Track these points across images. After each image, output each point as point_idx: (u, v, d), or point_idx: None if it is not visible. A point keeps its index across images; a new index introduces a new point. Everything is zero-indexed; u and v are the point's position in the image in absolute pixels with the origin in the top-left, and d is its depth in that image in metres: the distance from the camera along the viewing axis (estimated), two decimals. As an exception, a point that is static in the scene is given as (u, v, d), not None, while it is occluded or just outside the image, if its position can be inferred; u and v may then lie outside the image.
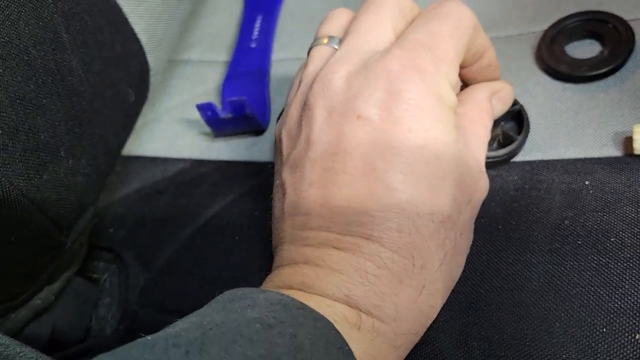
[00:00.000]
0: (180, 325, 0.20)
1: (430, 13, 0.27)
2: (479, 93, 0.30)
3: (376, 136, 0.24)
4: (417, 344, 0.28)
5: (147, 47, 0.39)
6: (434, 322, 0.28)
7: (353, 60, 0.26)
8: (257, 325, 0.19)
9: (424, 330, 0.26)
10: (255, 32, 0.49)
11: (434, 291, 0.25)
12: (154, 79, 0.42)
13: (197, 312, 0.21)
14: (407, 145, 0.24)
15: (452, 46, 0.26)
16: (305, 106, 0.27)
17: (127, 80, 0.37)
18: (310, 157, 0.25)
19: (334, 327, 0.21)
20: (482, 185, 0.28)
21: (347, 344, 0.21)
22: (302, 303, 0.22)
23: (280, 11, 0.51)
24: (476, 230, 0.31)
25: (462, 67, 0.30)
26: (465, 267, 0.29)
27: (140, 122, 0.46)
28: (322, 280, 0.24)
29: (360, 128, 0.24)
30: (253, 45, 0.48)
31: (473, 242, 0.30)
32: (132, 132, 0.42)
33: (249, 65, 0.47)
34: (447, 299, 0.29)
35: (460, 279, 0.29)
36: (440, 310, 0.29)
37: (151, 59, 0.40)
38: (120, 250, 0.40)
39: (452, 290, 0.29)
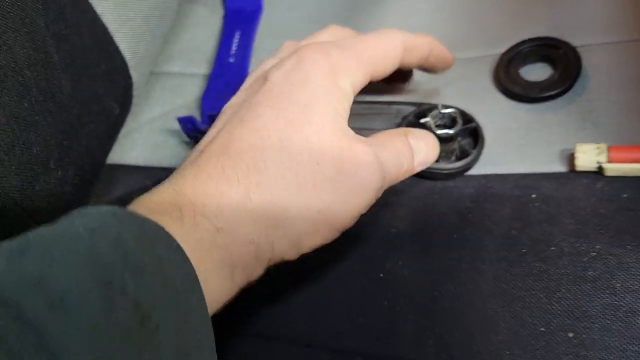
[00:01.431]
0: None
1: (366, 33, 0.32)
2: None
3: (270, 89, 0.29)
4: (375, 342, 0.31)
5: (130, 64, 0.42)
6: (394, 322, 0.31)
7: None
8: (81, 229, 0.20)
9: (265, 242, 0.27)
10: (234, 47, 0.52)
11: (261, 206, 0.26)
12: (136, 92, 0.44)
13: None
14: (289, 96, 0.28)
15: (369, 55, 0.30)
16: None
17: (112, 95, 0.39)
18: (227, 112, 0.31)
19: (160, 226, 0.22)
20: (359, 150, 0.29)
21: (175, 241, 0.22)
22: (131, 211, 0.23)
23: (257, 27, 0.54)
24: (433, 239, 0.34)
25: (420, 66, 0.35)
26: (422, 272, 0.32)
27: (122, 131, 0.48)
28: (162, 185, 0.27)
29: (261, 87, 0.29)
30: (232, 60, 0.51)
31: (430, 249, 0.33)
32: (115, 141, 0.44)
33: (228, 79, 0.49)
34: (406, 301, 0.32)
35: (417, 283, 0.32)
36: (399, 312, 0.32)
37: (134, 74, 0.42)
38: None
39: (410, 293, 0.32)
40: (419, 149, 0.32)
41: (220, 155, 0.27)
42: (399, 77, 0.40)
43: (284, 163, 0.27)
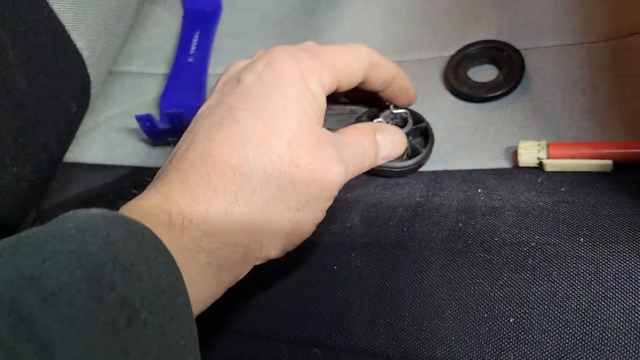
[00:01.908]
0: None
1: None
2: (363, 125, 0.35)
3: (245, 92, 0.30)
4: (330, 332, 0.32)
5: (88, 62, 0.42)
6: (348, 312, 0.33)
7: None
8: (72, 230, 0.21)
9: (246, 246, 0.27)
10: (193, 48, 0.52)
11: (248, 211, 0.27)
12: (94, 90, 0.45)
13: None
14: (264, 99, 0.29)
15: (336, 61, 0.32)
16: None
17: (70, 92, 0.39)
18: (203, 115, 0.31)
19: (148, 229, 0.23)
20: (328, 158, 0.30)
21: (162, 243, 0.23)
22: (120, 213, 0.24)
23: (217, 28, 0.54)
24: (385, 232, 0.35)
25: (379, 91, 0.36)
26: (374, 264, 0.34)
27: (80, 130, 0.48)
28: (149, 190, 0.27)
29: (236, 88, 0.30)
30: (191, 60, 0.51)
31: (383, 241, 0.35)
32: (73, 140, 0.44)
33: (187, 79, 0.50)
34: (359, 292, 0.33)
35: (369, 275, 0.34)
36: (353, 302, 0.33)
37: (92, 72, 0.43)
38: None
39: (363, 284, 0.33)
40: (384, 145, 0.34)
41: (204, 162, 0.27)
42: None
43: (266, 168, 0.27)
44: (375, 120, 0.37)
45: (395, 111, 0.37)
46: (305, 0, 0.53)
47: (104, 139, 0.49)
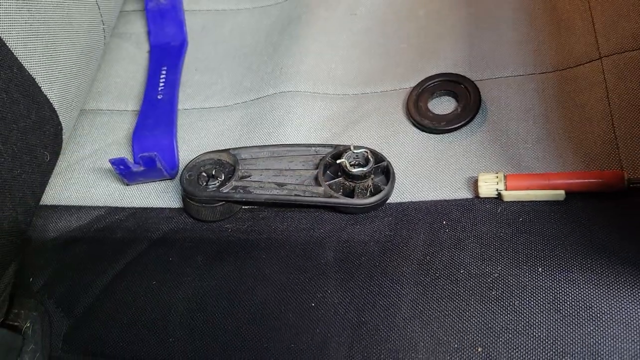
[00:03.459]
0: None
1: None
2: None
3: None
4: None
5: (59, 110, 0.42)
6: (327, 347, 0.34)
7: None
8: None
9: None
10: (161, 83, 0.53)
11: None
12: (66, 135, 0.45)
13: None
14: None
15: None
16: None
17: (43, 143, 0.40)
18: None
19: None
20: None
21: None
22: None
23: (183, 63, 0.55)
24: (359, 267, 0.37)
25: None
26: (349, 299, 0.36)
27: (54, 171, 0.49)
28: None
29: None
30: (160, 96, 0.52)
31: (356, 277, 0.37)
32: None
33: (157, 116, 0.51)
34: (336, 327, 0.35)
35: (345, 310, 0.35)
36: (331, 337, 0.35)
37: (63, 119, 0.43)
38: (42, 299, 0.43)
39: (340, 319, 0.35)
40: None
41: None
42: None
43: None
44: (338, 161, 0.39)
45: (356, 151, 0.39)
46: (269, 35, 0.54)
47: (78, 180, 0.49)
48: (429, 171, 0.42)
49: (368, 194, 0.40)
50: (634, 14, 0.42)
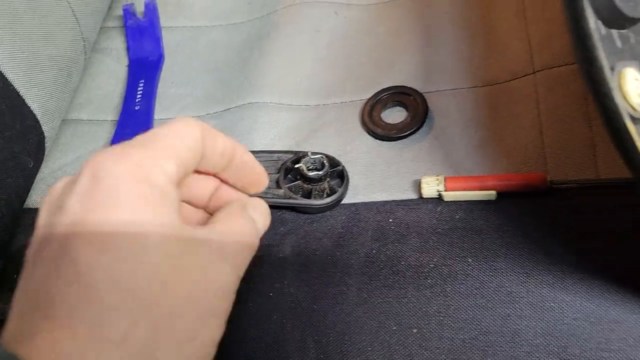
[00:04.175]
0: None
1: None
2: (232, 205, 0.30)
3: (73, 221, 0.23)
4: (268, 351, 0.38)
5: (42, 120, 0.46)
6: (282, 332, 0.38)
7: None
8: None
9: None
10: (139, 95, 0.57)
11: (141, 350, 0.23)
12: (49, 143, 0.49)
13: None
14: (102, 225, 0.23)
15: (169, 141, 0.26)
16: None
17: (27, 150, 0.44)
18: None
19: None
20: (213, 276, 0.25)
21: None
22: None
23: (160, 76, 0.59)
24: (313, 261, 0.41)
25: (220, 174, 0.30)
26: (304, 289, 0.40)
27: (37, 177, 0.52)
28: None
29: (61, 217, 0.24)
30: (137, 107, 0.56)
31: (311, 269, 0.41)
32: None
33: (134, 126, 0.55)
34: (292, 314, 0.39)
35: (300, 299, 0.39)
36: (286, 323, 0.39)
37: (46, 128, 0.47)
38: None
39: (295, 307, 0.39)
40: (258, 220, 0.30)
41: (68, 319, 0.22)
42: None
43: (128, 319, 0.22)
44: (297, 165, 0.43)
45: (313, 157, 0.44)
46: (240, 51, 0.58)
47: (60, 185, 0.53)
48: (380, 175, 0.46)
49: (325, 196, 0.44)
50: (565, 33, 0.47)
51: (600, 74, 0.24)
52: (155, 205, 0.24)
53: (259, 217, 0.30)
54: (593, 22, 0.25)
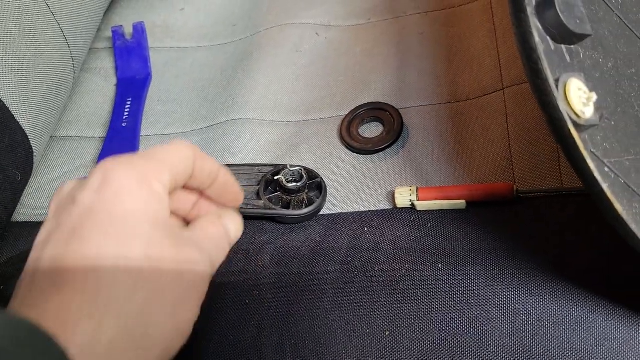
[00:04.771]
0: None
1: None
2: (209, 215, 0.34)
3: (85, 209, 0.28)
4: (246, 355, 0.39)
5: (31, 135, 0.48)
6: (260, 336, 0.40)
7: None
8: None
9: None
10: (126, 113, 0.59)
11: (120, 331, 0.26)
12: (37, 158, 0.51)
13: None
14: (110, 214, 0.27)
15: (167, 157, 0.30)
16: None
17: (15, 165, 0.45)
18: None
19: (39, 329, 0.23)
20: (194, 258, 0.29)
21: (58, 346, 0.23)
22: (12, 313, 0.24)
23: (147, 94, 0.61)
24: (291, 268, 0.43)
25: (205, 191, 0.33)
26: (281, 295, 0.41)
27: (25, 192, 0.54)
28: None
29: (73, 208, 0.28)
30: (124, 124, 0.58)
31: (288, 276, 0.42)
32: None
33: (121, 141, 0.56)
34: (269, 319, 0.41)
35: (277, 305, 0.41)
36: (264, 328, 0.40)
37: (35, 144, 0.49)
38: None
39: (272, 313, 0.41)
40: (230, 229, 0.34)
41: (60, 293, 0.26)
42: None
43: (128, 284, 0.26)
44: (276, 177, 0.45)
45: (292, 169, 0.45)
46: (225, 70, 0.61)
47: (48, 199, 0.55)
48: (357, 187, 0.48)
49: (303, 206, 0.46)
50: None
51: (545, 84, 0.26)
52: (154, 205, 0.28)
53: (232, 226, 0.34)
54: (537, 37, 0.27)
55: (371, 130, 0.51)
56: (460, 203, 0.43)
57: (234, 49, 0.63)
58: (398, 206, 0.45)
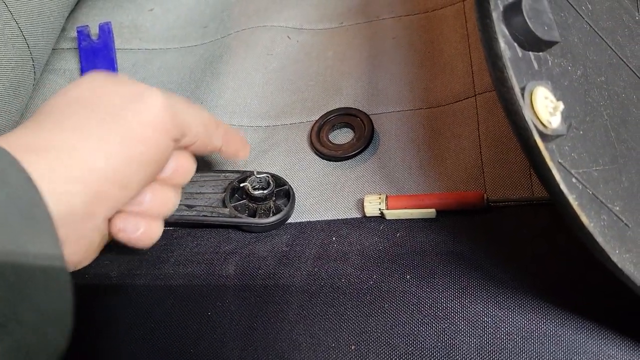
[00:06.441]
0: None
1: None
2: None
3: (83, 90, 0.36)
4: None
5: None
6: (222, 350, 0.38)
7: None
8: None
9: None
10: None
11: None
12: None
13: None
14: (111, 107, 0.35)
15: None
16: None
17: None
18: None
19: (9, 154, 0.27)
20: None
21: (24, 170, 0.27)
22: None
23: (113, 97, 0.59)
24: (255, 279, 0.41)
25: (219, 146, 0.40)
26: (244, 307, 0.40)
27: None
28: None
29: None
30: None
31: (252, 287, 0.41)
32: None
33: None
34: (232, 333, 0.39)
35: (240, 317, 0.39)
36: (226, 342, 0.39)
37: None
38: None
39: (235, 325, 0.39)
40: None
41: (70, 130, 0.32)
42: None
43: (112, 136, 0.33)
44: (242, 184, 0.44)
45: (259, 176, 0.44)
46: (193, 72, 0.59)
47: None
48: (326, 194, 0.47)
49: (270, 214, 0.44)
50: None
51: (510, 93, 0.25)
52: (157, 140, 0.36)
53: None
54: (504, 44, 0.26)
55: (342, 137, 0.50)
56: (430, 212, 0.42)
57: (203, 51, 0.61)
58: (367, 215, 0.44)
